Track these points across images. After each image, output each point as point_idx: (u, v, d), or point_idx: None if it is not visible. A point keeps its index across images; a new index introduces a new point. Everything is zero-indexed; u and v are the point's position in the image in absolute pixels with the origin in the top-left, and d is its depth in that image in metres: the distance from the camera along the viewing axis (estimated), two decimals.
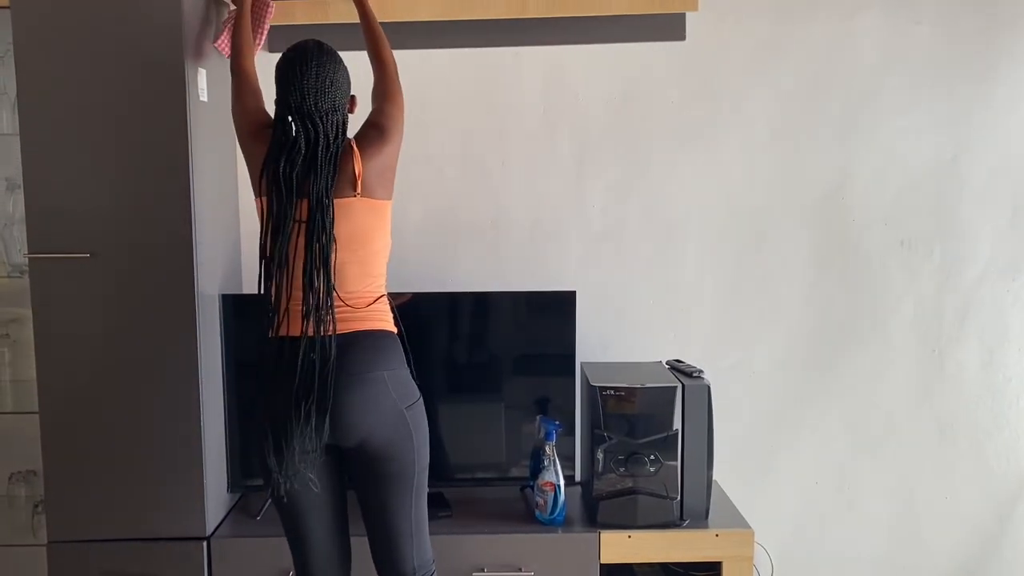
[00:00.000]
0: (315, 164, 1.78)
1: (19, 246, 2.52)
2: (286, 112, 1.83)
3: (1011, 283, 2.71)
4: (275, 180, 1.80)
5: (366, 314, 1.87)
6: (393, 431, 1.84)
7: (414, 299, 2.50)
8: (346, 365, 1.79)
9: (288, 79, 1.82)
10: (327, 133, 1.81)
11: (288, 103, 1.82)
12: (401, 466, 1.87)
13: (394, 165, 1.94)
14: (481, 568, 2.30)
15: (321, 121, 1.81)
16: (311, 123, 1.80)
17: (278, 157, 1.81)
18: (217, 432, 2.37)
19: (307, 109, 1.80)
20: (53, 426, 2.23)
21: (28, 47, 2.14)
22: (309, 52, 1.83)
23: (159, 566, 2.27)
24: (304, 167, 1.79)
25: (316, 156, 1.79)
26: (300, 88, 1.80)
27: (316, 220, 1.77)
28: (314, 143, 1.80)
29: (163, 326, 2.21)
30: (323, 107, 1.81)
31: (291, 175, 1.79)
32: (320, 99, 1.81)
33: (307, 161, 1.79)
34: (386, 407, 1.83)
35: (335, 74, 1.83)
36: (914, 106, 2.66)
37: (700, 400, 2.30)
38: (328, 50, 1.86)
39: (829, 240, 2.70)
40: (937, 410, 2.75)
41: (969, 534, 2.79)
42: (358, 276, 1.87)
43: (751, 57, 2.64)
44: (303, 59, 1.82)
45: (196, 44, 2.24)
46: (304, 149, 1.80)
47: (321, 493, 1.88)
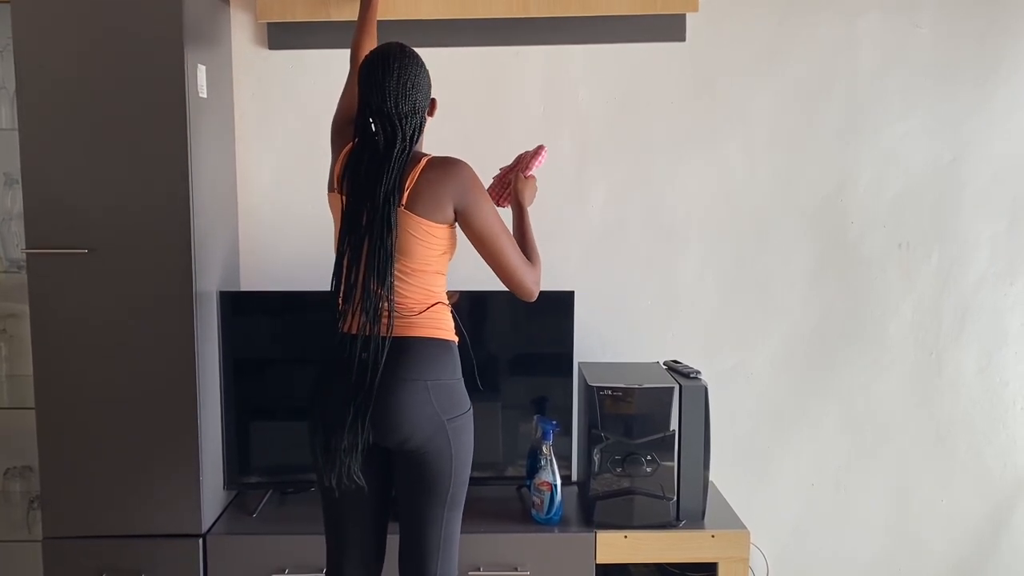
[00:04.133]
0: (387, 165, 1.80)
1: (17, 241, 2.52)
2: (367, 112, 1.84)
3: (1009, 287, 2.71)
4: (353, 177, 1.84)
5: (421, 320, 1.87)
6: (430, 440, 1.84)
7: None
8: (394, 368, 1.81)
9: (370, 80, 1.82)
10: (405, 135, 1.83)
11: (369, 104, 1.83)
12: (436, 476, 1.87)
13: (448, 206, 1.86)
14: (477, 567, 2.30)
15: (400, 123, 1.82)
16: (390, 124, 1.82)
17: (359, 156, 1.84)
18: (214, 429, 2.37)
19: (387, 110, 1.81)
20: (49, 422, 2.23)
21: (27, 42, 2.14)
22: (392, 54, 1.83)
23: (155, 563, 2.27)
24: (377, 167, 1.81)
25: (390, 158, 1.81)
26: (381, 90, 1.80)
27: (378, 222, 1.79)
28: (390, 144, 1.81)
29: (161, 322, 2.21)
30: (403, 109, 1.82)
31: (366, 174, 1.82)
32: (401, 101, 1.81)
33: (380, 162, 1.81)
34: (426, 415, 1.83)
35: (416, 77, 1.83)
36: (914, 109, 2.66)
37: (697, 401, 2.30)
38: (410, 53, 1.85)
39: (828, 242, 2.70)
40: (934, 413, 2.75)
41: (966, 537, 2.79)
42: (411, 284, 1.87)
43: (751, 59, 2.64)
44: (385, 61, 1.82)
45: (197, 40, 2.24)
46: (382, 150, 1.82)
47: (366, 491, 1.88)
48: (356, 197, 1.83)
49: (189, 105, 2.17)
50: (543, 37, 2.61)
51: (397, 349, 1.82)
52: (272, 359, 2.52)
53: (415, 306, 1.87)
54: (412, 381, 1.82)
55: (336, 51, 2.61)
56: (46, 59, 2.15)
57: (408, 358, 1.83)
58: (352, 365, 1.80)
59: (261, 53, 2.62)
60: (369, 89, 1.83)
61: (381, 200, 1.79)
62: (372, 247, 1.80)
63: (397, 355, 1.82)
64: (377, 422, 1.81)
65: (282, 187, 2.66)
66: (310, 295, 2.52)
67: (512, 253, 1.93)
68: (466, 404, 1.92)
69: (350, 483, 1.84)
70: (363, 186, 1.82)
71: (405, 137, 1.83)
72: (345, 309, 1.86)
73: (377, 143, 1.83)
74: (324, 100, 2.63)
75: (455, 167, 1.87)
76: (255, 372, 2.47)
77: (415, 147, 1.87)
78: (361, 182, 1.82)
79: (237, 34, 2.61)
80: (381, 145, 1.82)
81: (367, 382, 1.78)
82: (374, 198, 1.79)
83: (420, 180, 1.83)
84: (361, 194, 1.82)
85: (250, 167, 2.65)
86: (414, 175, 1.83)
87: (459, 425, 1.88)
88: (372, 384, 1.78)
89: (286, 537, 2.32)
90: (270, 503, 2.50)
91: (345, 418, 1.79)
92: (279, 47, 2.61)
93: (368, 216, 1.80)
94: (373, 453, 1.87)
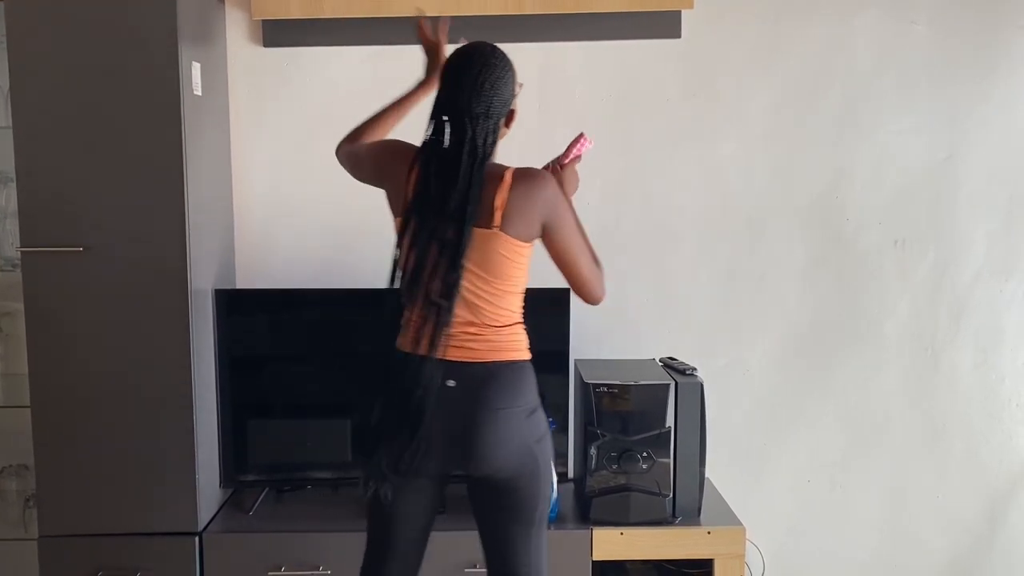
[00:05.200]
0: (456, 169, 1.67)
1: (11, 239, 2.51)
2: (438, 109, 1.73)
3: (1005, 284, 2.71)
4: (422, 180, 1.70)
5: (506, 343, 1.76)
6: (521, 466, 1.75)
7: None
8: (482, 397, 1.71)
9: (448, 75, 1.73)
10: (475, 138, 1.69)
11: (441, 99, 1.73)
12: (524, 499, 1.78)
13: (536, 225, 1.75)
14: (474, 564, 2.29)
15: (471, 123, 1.69)
16: (459, 124, 1.69)
17: (427, 156, 1.72)
18: (210, 427, 2.37)
19: (459, 107, 1.69)
20: (45, 420, 2.23)
21: (21, 39, 2.14)
22: (478, 51, 1.72)
23: (151, 561, 2.26)
24: (447, 171, 1.68)
25: (459, 162, 1.67)
26: (457, 84, 1.70)
27: (451, 237, 1.67)
28: (459, 145, 1.68)
29: (156, 320, 2.21)
30: (476, 109, 1.69)
31: (436, 176, 1.69)
32: (475, 99, 1.68)
33: (450, 165, 1.68)
34: (518, 442, 1.74)
35: (498, 80, 1.70)
36: (909, 107, 2.66)
37: (693, 398, 2.30)
38: (500, 55, 1.74)
39: (824, 240, 2.70)
40: (930, 410, 2.75)
41: (961, 533, 2.79)
42: (499, 307, 1.76)
43: (747, 56, 2.64)
44: (469, 57, 1.72)
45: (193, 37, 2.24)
46: (451, 150, 1.69)
47: (419, 509, 1.84)
48: (425, 207, 1.69)
49: (184, 103, 2.17)
50: (538, 34, 2.60)
51: (484, 375, 1.72)
52: (268, 357, 2.52)
53: (501, 328, 1.76)
54: (503, 410, 1.72)
55: (331, 48, 2.61)
56: (40, 56, 2.14)
57: (498, 385, 1.72)
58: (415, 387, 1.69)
59: (256, 50, 2.62)
60: (444, 84, 1.73)
61: (455, 212, 1.66)
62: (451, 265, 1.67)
63: (485, 382, 1.72)
64: (466, 453, 1.72)
65: (277, 184, 2.66)
66: (306, 292, 2.53)
67: (588, 265, 1.83)
68: (546, 423, 1.83)
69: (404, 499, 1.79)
70: (434, 196, 1.68)
71: (475, 141, 1.69)
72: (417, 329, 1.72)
73: (450, 147, 1.69)
74: (319, 97, 2.64)
75: (542, 182, 1.74)
76: (251, 370, 2.47)
77: (490, 157, 1.73)
78: (431, 191, 1.68)
79: (232, 31, 2.60)
80: (453, 147, 1.69)
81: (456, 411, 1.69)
82: (446, 209, 1.66)
83: (512, 198, 1.69)
84: (431, 204, 1.68)
85: (245, 164, 2.64)
86: (503, 192, 1.69)
87: (545, 444, 1.80)
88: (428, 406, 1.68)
89: (282, 535, 2.32)
90: (266, 501, 2.50)
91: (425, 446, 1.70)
92: (274, 44, 2.61)
93: (441, 230, 1.67)
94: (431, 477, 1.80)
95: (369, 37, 2.59)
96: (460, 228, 1.67)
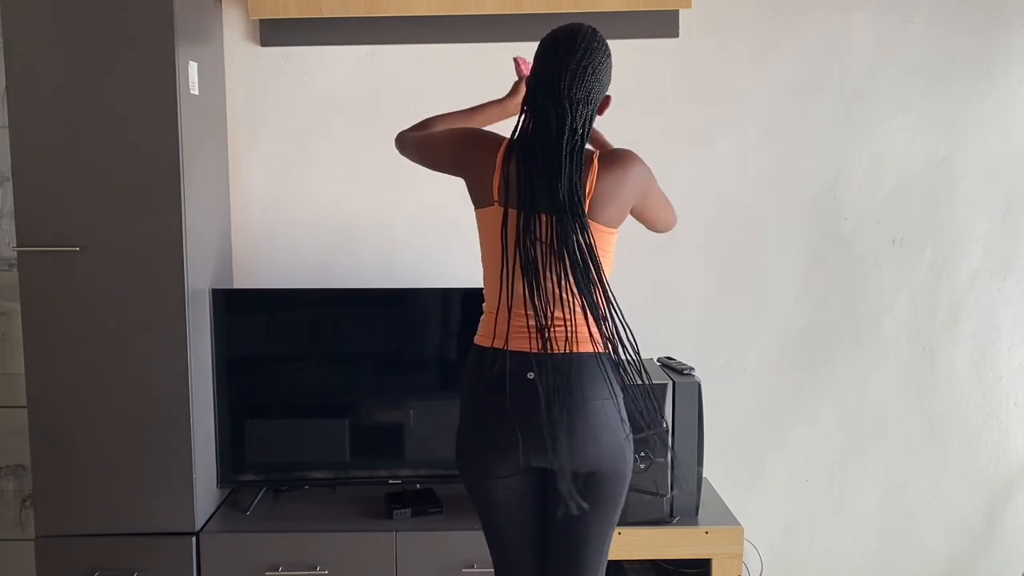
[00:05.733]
0: (559, 153, 1.60)
1: (8, 239, 2.51)
2: (537, 91, 1.66)
3: (1002, 283, 2.72)
4: (523, 167, 1.63)
5: (586, 334, 1.69)
6: (611, 462, 1.70)
7: (406, 294, 2.50)
8: (577, 388, 1.65)
9: (548, 55, 1.65)
10: (574, 123, 1.63)
11: (540, 82, 1.65)
12: (609, 497, 1.74)
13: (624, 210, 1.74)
14: (471, 564, 2.29)
15: (570, 108, 1.62)
16: (559, 107, 1.62)
17: (527, 140, 1.65)
18: (207, 426, 2.37)
19: (559, 91, 1.62)
20: (41, 420, 2.22)
21: (18, 38, 2.13)
22: (581, 33, 1.66)
23: (148, 561, 2.26)
24: (549, 158, 1.61)
25: (560, 147, 1.61)
26: (559, 66, 1.62)
27: (561, 224, 1.59)
28: (560, 131, 1.61)
29: (153, 320, 2.20)
30: (576, 94, 1.63)
31: (538, 162, 1.62)
32: (576, 84, 1.62)
33: (550, 150, 1.61)
34: (607, 435, 1.69)
35: (600, 64, 1.65)
36: (907, 105, 2.66)
37: (691, 398, 2.30)
38: (601, 38, 1.68)
39: (822, 238, 2.70)
40: (928, 408, 2.75)
41: (959, 532, 2.80)
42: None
43: (744, 55, 2.64)
44: (572, 38, 1.64)
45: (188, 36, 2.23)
46: (551, 135, 1.62)
47: (530, 509, 1.80)
48: (530, 197, 1.61)
49: (181, 102, 2.17)
50: (536, 33, 2.56)
51: (571, 367, 1.65)
52: (265, 356, 2.51)
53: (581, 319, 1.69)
54: (595, 401, 1.67)
55: (328, 48, 2.61)
56: (37, 56, 2.13)
57: (589, 376, 1.67)
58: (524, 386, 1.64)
59: (253, 50, 2.61)
60: (545, 66, 1.65)
61: (565, 199, 1.59)
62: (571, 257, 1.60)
63: (579, 373, 1.66)
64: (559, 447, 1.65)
65: (274, 184, 2.65)
66: (303, 292, 2.52)
67: (669, 216, 1.87)
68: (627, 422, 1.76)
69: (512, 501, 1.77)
70: (537, 184, 1.61)
71: (575, 125, 1.62)
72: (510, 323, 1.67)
73: (547, 125, 1.62)
74: (316, 97, 2.64)
75: (631, 165, 1.70)
76: (248, 369, 2.47)
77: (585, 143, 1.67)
78: (534, 180, 1.61)
79: (229, 31, 2.60)
80: (553, 129, 1.61)
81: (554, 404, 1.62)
82: (554, 198, 1.59)
83: (600, 185, 1.65)
84: (536, 194, 1.61)
85: (242, 164, 2.64)
86: (591, 179, 1.65)
87: (629, 443, 1.73)
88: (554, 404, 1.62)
89: (280, 535, 2.32)
90: (264, 501, 2.50)
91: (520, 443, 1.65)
92: (271, 44, 2.61)
93: (548, 218, 1.61)
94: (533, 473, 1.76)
95: (366, 36, 2.59)
96: (574, 219, 1.60)
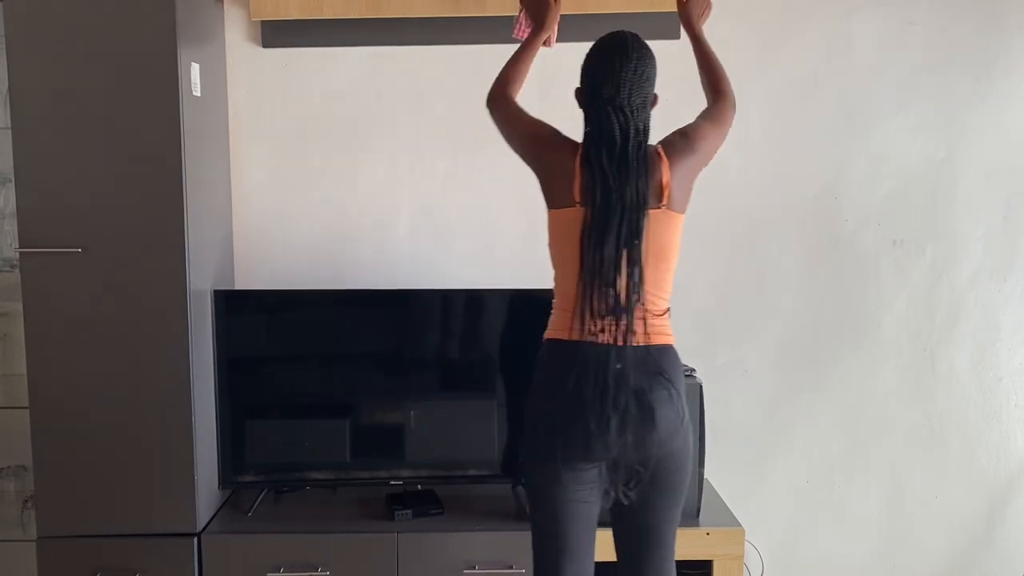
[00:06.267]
0: (626, 160, 1.72)
1: (10, 240, 2.51)
2: (599, 103, 1.76)
3: (1003, 283, 2.72)
4: (598, 173, 1.73)
5: (665, 325, 1.80)
6: (682, 447, 1.80)
7: (406, 296, 2.51)
8: (652, 379, 1.74)
9: (603, 69, 1.76)
10: (638, 128, 1.76)
11: (601, 94, 1.76)
12: (680, 481, 1.82)
13: (694, 180, 1.86)
14: (472, 565, 2.30)
15: (631, 114, 1.75)
16: (622, 115, 1.74)
17: (599, 149, 1.74)
18: (208, 427, 2.37)
19: (620, 102, 1.75)
20: (43, 421, 2.23)
21: (20, 40, 2.14)
22: (630, 43, 1.77)
23: (150, 562, 2.26)
24: (617, 162, 1.73)
25: (627, 152, 1.73)
26: (617, 79, 1.74)
27: (630, 223, 1.71)
28: (626, 138, 1.73)
29: (155, 321, 2.21)
30: (636, 101, 1.76)
31: (610, 168, 1.72)
32: (635, 92, 1.75)
33: (619, 156, 1.73)
34: (677, 422, 1.77)
35: (651, 69, 1.79)
36: (907, 106, 2.66)
37: (692, 399, 2.28)
38: (644, 43, 1.80)
39: (822, 239, 2.70)
40: (928, 409, 2.76)
41: (959, 532, 2.80)
42: (664, 289, 1.81)
43: (745, 57, 2.64)
44: (623, 50, 1.76)
45: (192, 37, 2.24)
46: (618, 143, 1.73)
47: (591, 506, 1.83)
48: (607, 191, 1.72)
49: (183, 103, 2.17)
50: None
51: (650, 359, 1.75)
52: (267, 357, 2.51)
53: (662, 312, 1.80)
54: (668, 391, 1.76)
55: (330, 49, 2.61)
56: (39, 57, 2.14)
57: (663, 367, 1.76)
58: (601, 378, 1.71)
59: (255, 51, 2.62)
60: (602, 78, 1.76)
61: (636, 201, 1.71)
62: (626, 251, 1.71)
63: (652, 366, 1.75)
64: (638, 436, 1.73)
65: (276, 185, 2.66)
66: (305, 293, 2.52)
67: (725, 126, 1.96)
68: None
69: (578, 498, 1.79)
70: (612, 187, 1.71)
71: (638, 127, 1.76)
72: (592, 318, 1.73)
73: (612, 135, 1.73)
74: (318, 98, 2.64)
75: (690, 144, 1.83)
76: (250, 370, 2.47)
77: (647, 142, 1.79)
78: (609, 182, 1.72)
79: (231, 32, 2.60)
80: (617, 138, 1.73)
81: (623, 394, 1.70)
82: (625, 198, 1.71)
83: (675, 176, 1.77)
84: (607, 190, 1.72)
85: (244, 165, 2.65)
86: (664, 170, 1.76)
87: (689, 428, 1.83)
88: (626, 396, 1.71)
89: (281, 536, 2.32)
90: (265, 502, 2.50)
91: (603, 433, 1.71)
92: (273, 45, 2.61)
93: (621, 217, 1.71)
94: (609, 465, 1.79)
95: (368, 38, 2.59)
96: (637, 213, 1.71)
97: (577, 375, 1.72)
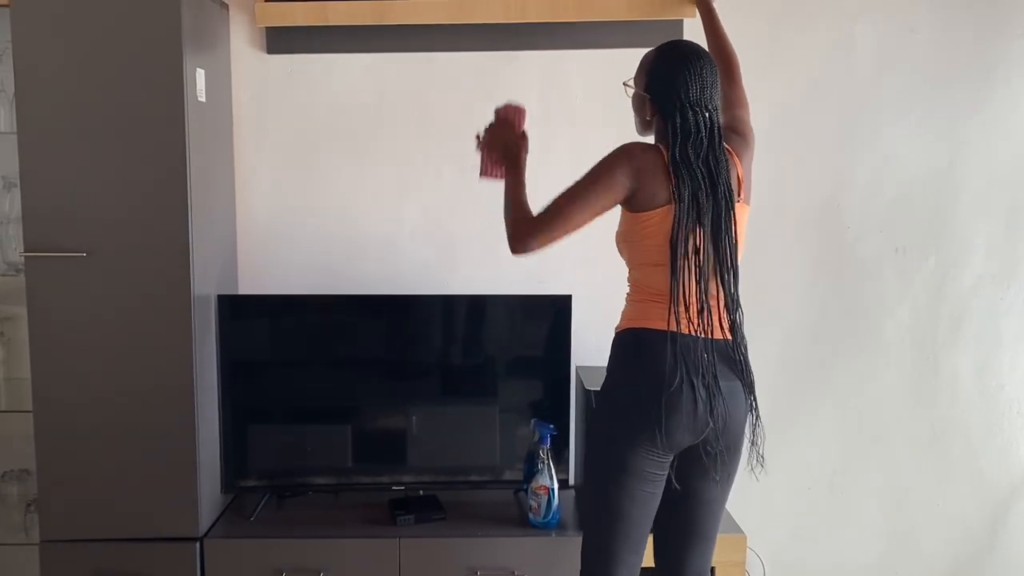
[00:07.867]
0: (715, 158, 1.82)
1: (15, 244, 2.52)
2: (682, 106, 1.83)
3: (1005, 291, 2.72)
4: (689, 171, 1.81)
5: (739, 321, 1.89)
6: (741, 435, 1.91)
7: (409, 301, 2.51)
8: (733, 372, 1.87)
9: (684, 72, 1.83)
10: (718, 124, 1.86)
11: (686, 95, 1.83)
12: (734, 470, 1.94)
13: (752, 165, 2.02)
14: (475, 571, 2.30)
15: (711, 114, 1.84)
16: (707, 115, 1.83)
17: (685, 148, 1.82)
18: (211, 432, 2.37)
19: (705, 101, 1.83)
20: (46, 425, 2.23)
21: (27, 46, 2.15)
22: (701, 50, 1.89)
23: (152, 566, 2.27)
24: (708, 160, 1.82)
25: (715, 150, 1.83)
26: (700, 80, 1.83)
27: (720, 218, 1.81)
28: (709, 135, 1.83)
29: (158, 326, 2.21)
30: (715, 100, 1.86)
31: (701, 167, 1.81)
32: (715, 94, 1.85)
33: (707, 154, 1.82)
34: (743, 412, 1.89)
35: (715, 76, 1.88)
36: (909, 113, 2.67)
37: None
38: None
39: (824, 246, 2.71)
40: (930, 416, 2.76)
41: (962, 540, 2.79)
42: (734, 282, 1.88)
43: (747, 64, 2.62)
44: (697, 55, 1.86)
45: (194, 43, 2.25)
46: (705, 142, 1.82)
47: (662, 488, 1.89)
48: (699, 185, 1.80)
49: (188, 109, 2.18)
50: (540, 42, 2.62)
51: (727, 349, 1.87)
52: (270, 362, 2.52)
53: (739, 305, 1.89)
54: (742, 382, 1.88)
55: (335, 56, 2.62)
56: (45, 63, 2.15)
57: (742, 359, 1.89)
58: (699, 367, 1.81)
59: (260, 57, 2.63)
60: (685, 80, 1.83)
61: (728, 196, 1.82)
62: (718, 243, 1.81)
63: (738, 356, 1.87)
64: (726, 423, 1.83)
65: (280, 191, 2.67)
66: (308, 298, 2.53)
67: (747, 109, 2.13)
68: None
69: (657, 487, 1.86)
70: (703, 175, 1.81)
71: (719, 125, 1.86)
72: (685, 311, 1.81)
73: (699, 132, 1.82)
74: (322, 104, 2.65)
75: (745, 140, 2.00)
76: (253, 375, 2.48)
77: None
78: (699, 180, 1.80)
79: (236, 38, 2.61)
80: (704, 136, 1.82)
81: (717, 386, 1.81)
82: (717, 195, 1.81)
83: (745, 169, 1.93)
84: (700, 183, 1.80)
85: (248, 171, 2.65)
86: (738, 165, 1.90)
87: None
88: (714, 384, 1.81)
89: (284, 540, 2.32)
90: (268, 507, 2.50)
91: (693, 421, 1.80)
92: (278, 51, 2.62)
93: (712, 214, 1.81)
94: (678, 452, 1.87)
95: (372, 45, 2.60)
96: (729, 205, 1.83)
97: (673, 363, 1.79)
